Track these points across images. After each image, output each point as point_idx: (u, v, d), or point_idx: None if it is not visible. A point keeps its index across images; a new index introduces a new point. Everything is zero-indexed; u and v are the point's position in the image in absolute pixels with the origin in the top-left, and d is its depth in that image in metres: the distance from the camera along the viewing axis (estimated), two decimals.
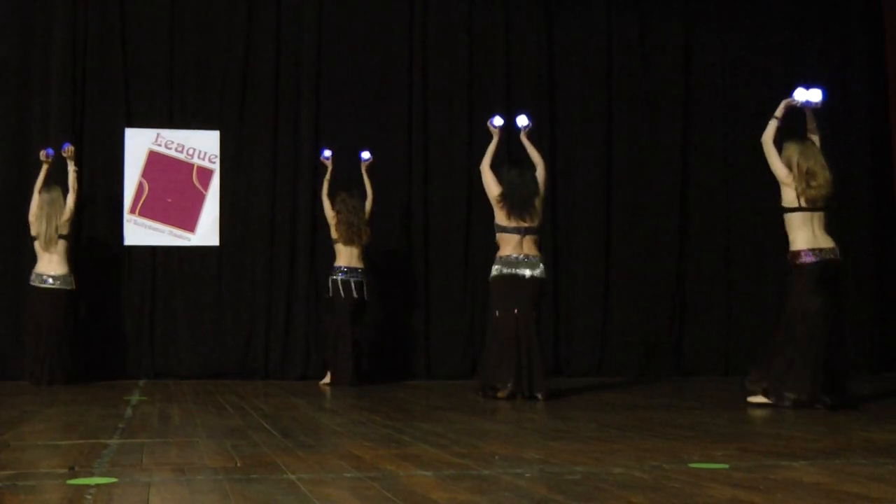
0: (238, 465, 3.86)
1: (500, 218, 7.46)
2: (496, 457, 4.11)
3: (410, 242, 9.87)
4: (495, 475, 3.63)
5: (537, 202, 7.48)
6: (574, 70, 10.31)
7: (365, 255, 9.01)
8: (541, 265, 7.40)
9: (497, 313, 7.32)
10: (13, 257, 8.99)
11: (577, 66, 10.32)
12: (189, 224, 9.53)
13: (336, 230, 8.90)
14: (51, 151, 8.75)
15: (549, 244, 9.75)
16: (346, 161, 9.18)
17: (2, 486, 3.38)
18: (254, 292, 9.54)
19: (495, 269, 7.41)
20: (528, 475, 3.62)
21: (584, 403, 6.99)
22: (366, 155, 9.14)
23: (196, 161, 9.61)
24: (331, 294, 8.89)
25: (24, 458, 4.10)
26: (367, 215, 8.95)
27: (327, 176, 9.11)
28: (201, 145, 9.61)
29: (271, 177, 9.65)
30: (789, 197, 6.58)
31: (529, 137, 7.73)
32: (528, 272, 7.31)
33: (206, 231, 9.55)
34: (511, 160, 7.97)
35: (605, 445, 4.53)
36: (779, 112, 6.64)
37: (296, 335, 9.50)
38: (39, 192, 8.68)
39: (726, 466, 3.84)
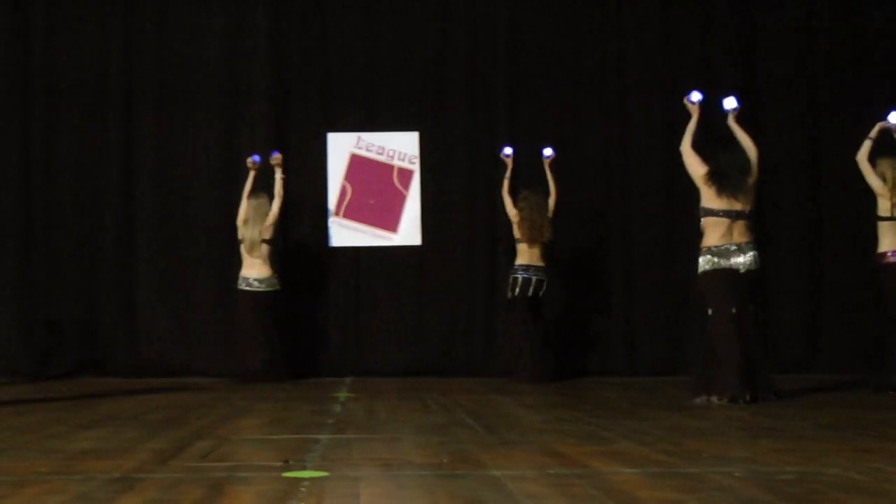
0: (444, 461, 3.91)
1: (708, 199, 6.75)
2: (703, 455, 4.02)
3: (611, 237, 9.76)
4: (703, 474, 3.55)
5: (750, 182, 6.80)
6: (773, 53, 9.93)
7: (547, 253, 8.97)
8: (753, 252, 6.72)
9: (710, 312, 6.70)
10: (223, 261, 9.37)
11: (775, 50, 9.93)
12: (391, 224, 9.74)
13: (518, 228, 8.87)
14: (257, 158, 9.11)
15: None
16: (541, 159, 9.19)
17: (222, 476, 3.54)
18: (455, 290, 9.65)
19: (705, 262, 6.73)
20: (737, 474, 3.52)
21: (793, 401, 6.71)
22: (548, 151, 9.09)
23: (396, 162, 9.80)
24: (511, 293, 8.89)
25: (241, 452, 4.28)
26: (550, 213, 8.91)
27: (507, 173, 9.10)
28: (401, 147, 9.80)
29: (470, 175, 9.74)
30: (883, 207, 7.47)
31: (738, 121, 7.06)
32: (742, 263, 6.67)
33: (408, 231, 9.73)
34: (716, 138, 7.17)
35: (819, 445, 4.35)
36: (873, 133, 7.44)
37: (497, 332, 9.54)
38: (247, 197, 9.04)
39: None
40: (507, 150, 9.17)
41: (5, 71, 9.71)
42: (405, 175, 9.79)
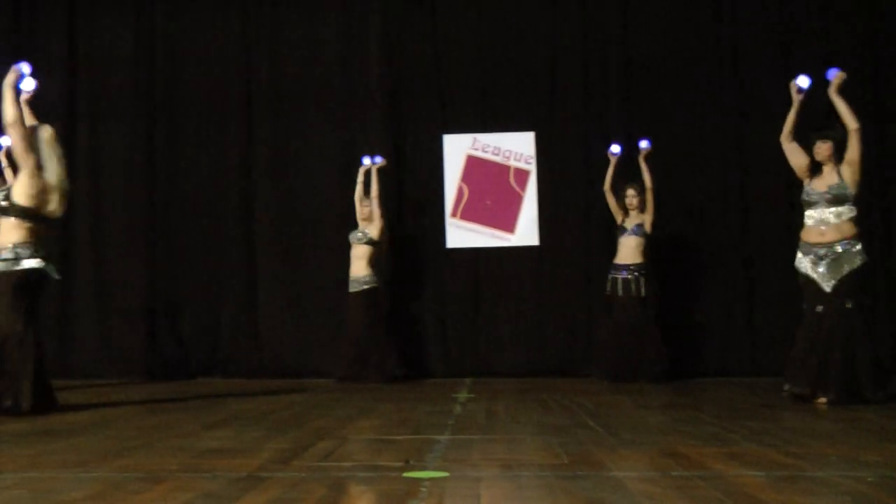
0: (564, 462, 3.89)
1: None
2: (832, 458, 3.91)
3: (730, 232, 9.56)
4: (830, 478, 3.45)
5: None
6: None
7: (647, 249, 8.87)
8: (859, 244, 6.52)
9: (804, 307, 6.61)
10: (342, 263, 9.43)
11: None
12: (508, 225, 9.74)
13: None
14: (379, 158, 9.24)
15: (882, 223, 9.15)
16: (656, 155, 9.07)
17: (344, 476, 3.59)
18: (574, 289, 9.59)
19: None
20: (868, 479, 3.41)
21: None
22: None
23: (512, 163, 9.79)
24: (609, 291, 8.82)
25: (363, 452, 4.33)
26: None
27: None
28: (517, 147, 9.79)
29: (587, 173, 9.66)
30: None
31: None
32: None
33: (525, 231, 9.72)
34: (817, 129, 6.85)
35: None
36: None
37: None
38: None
39: None
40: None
41: (131, 80, 10.05)
42: (521, 175, 9.78)
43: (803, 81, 6.78)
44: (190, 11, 10.12)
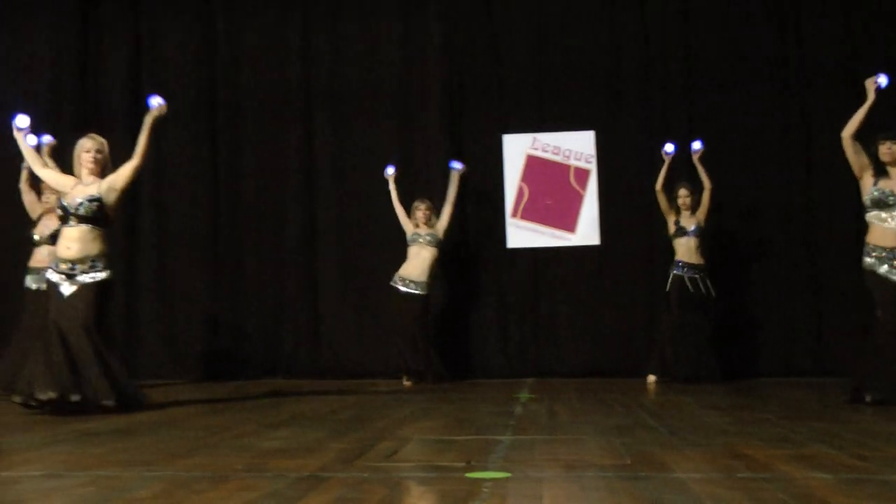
0: (627, 462, 3.86)
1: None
2: None
3: (798, 229, 9.44)
4: None
5: None
6: None
7: (704, 249, 8.77)
8: None
9: (878, 313, 6.44)
10: (395, 260, 9.41)
11: None
12: (569, 224, 9.70)
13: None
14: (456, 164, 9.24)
15: None
16: (718, 154, 8.96)
17: (406, 476, 3.59)
18: (636, 289, 9.53)
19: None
20: None
21: None
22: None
23: (573, 162, 9.76)
24: (668, 289, 8.76)
25: (425, 452, 4.33)
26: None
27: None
28: (577, 146, 9.75)
29: (648, 172, 9.58)
30: None
31: None
32: None
33: (586, 230, 9.68)
34: (885, 129, 6.78)
35: None
36: None
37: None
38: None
39: None
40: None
41: (194, 84, 10.18)
42: (582, 174, 9.73)
43: (882, 80, 6.67)
44: (251, 15, 10.23)
